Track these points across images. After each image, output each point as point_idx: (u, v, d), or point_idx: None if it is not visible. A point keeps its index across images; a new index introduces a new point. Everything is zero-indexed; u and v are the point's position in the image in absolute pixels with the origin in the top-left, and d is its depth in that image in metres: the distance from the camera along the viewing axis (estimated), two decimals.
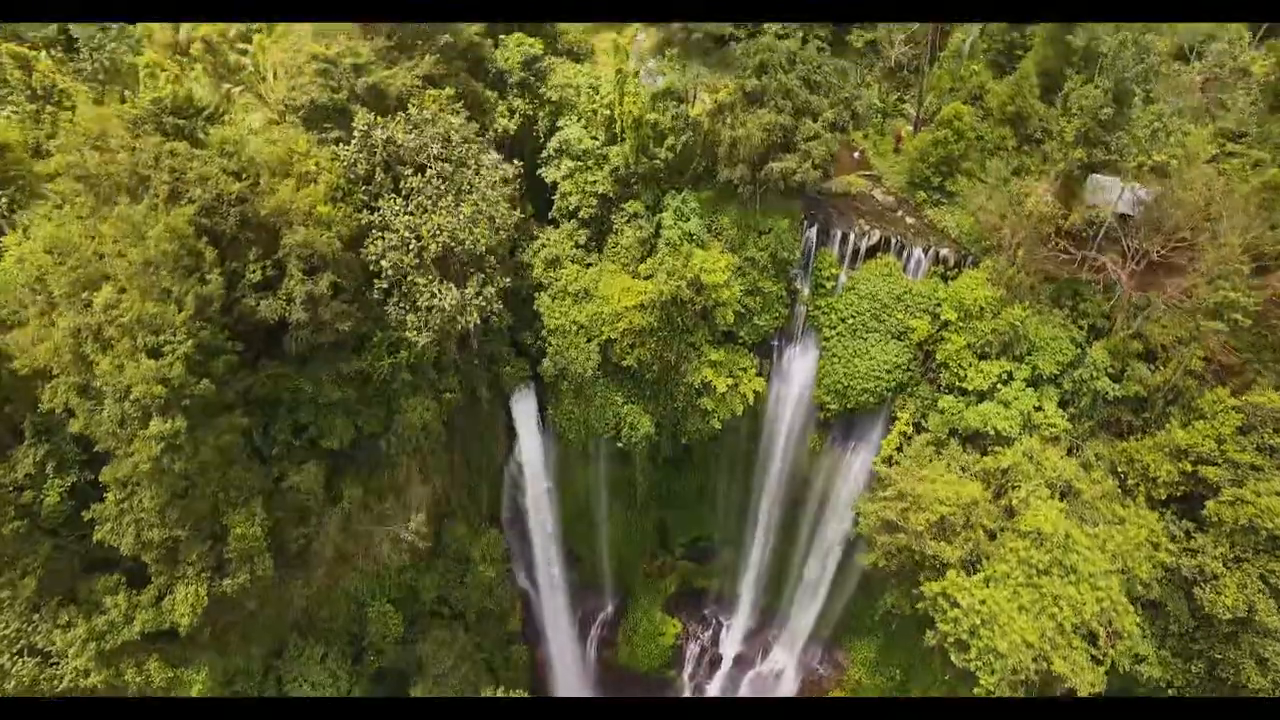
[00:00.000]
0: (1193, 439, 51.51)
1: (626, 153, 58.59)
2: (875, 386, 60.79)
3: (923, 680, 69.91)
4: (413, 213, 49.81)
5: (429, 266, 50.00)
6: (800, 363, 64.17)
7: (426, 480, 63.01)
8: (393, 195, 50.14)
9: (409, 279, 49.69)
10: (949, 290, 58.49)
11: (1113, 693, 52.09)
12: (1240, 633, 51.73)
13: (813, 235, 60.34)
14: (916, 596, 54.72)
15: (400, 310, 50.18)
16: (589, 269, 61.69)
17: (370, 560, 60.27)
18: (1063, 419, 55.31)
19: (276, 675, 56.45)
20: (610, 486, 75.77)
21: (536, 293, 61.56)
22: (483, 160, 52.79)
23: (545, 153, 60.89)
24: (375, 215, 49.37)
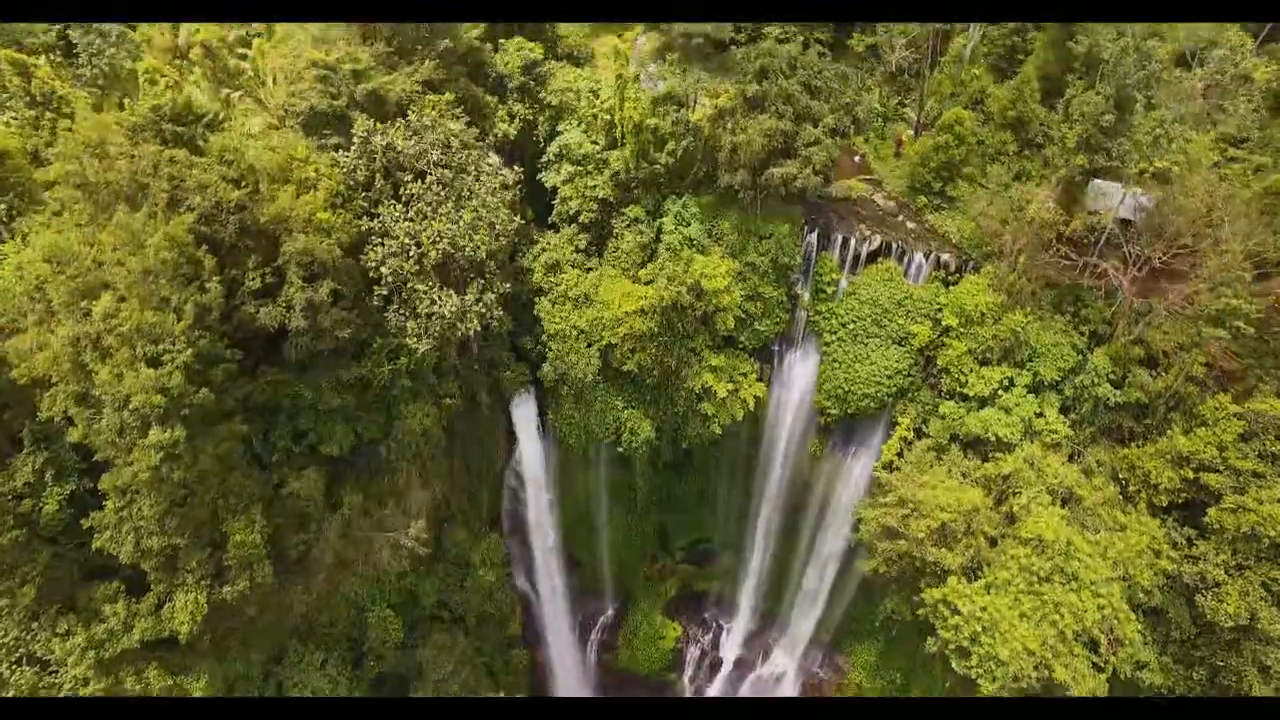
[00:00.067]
0: (1194, 446, 51.44)
1: (627, 157, 58.49)
2: (876, 392, 60.72)
3: (923, 685, 69.84)
4: (413, 219, 49.62)
5: (429, 273, 49.83)
6: (801, 368, 64.10)
7: (426, 485, 62.86)
8: (393, 202, 49.94)
9: (409, 286, 49.53)
10: (950, 296, 58.46)
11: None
12: (1242, 640, 51.68)
13: (813, 240, 60.27)
14: (917, 603, 54.64)
15: (400, 317, 50.04)
16: (589, 274, 61.55)
17: (370, 566, 60.11)
18: (1064, 425, 55.27)
19: (277, 681, 56.18)
20: (610, 491, 75.68)
21: (537, 298, 61.38)
22: (483, 166, 52.61)
23: (545, 157, 60.75)
24: (375, 222, 49.17)
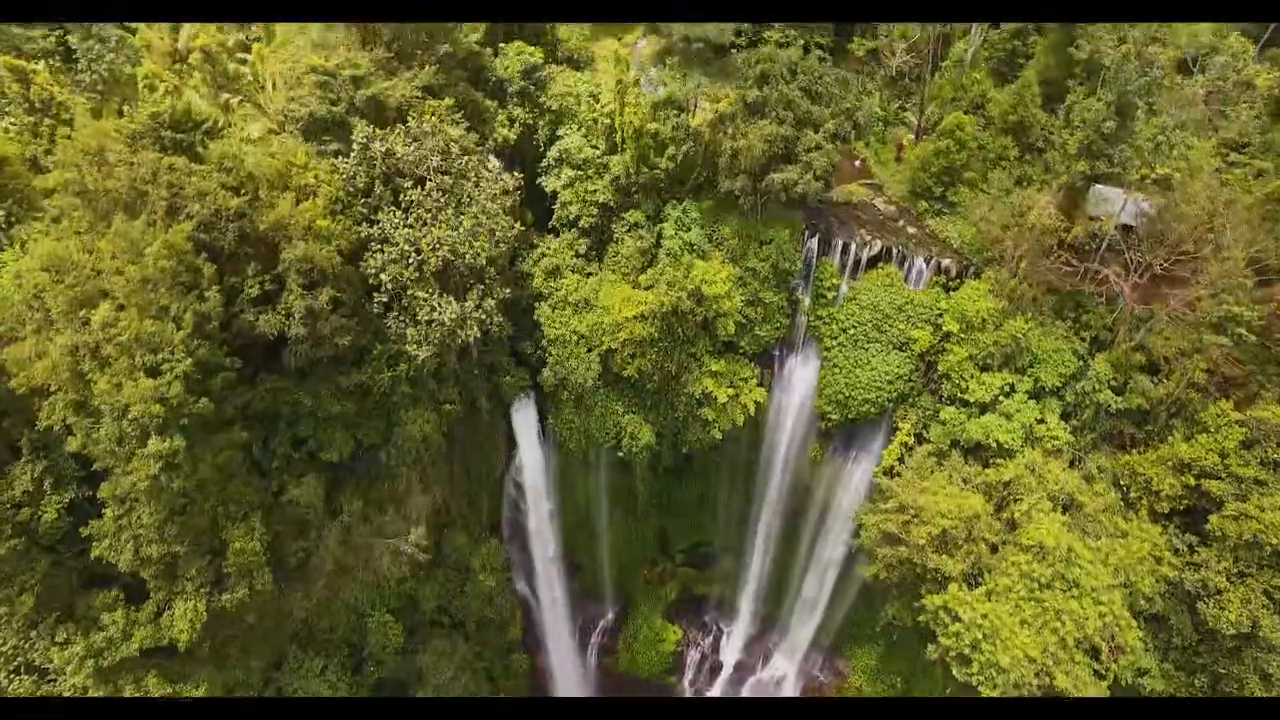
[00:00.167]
0: (1196, 453, 51.32)
1: (627, 162, 58.34)
2: (876, 397, 60.58)
3: (924, 690, 69.73)
4: (412, 225, 49.49)
5: (429, 280, 49.70)
6: (801, 373, 63.98)
7: (426, 490, 62.71)
8: (392, 208, 49.80)
9: (409, 292, 49.40)
10: (951, 301, 58.30)
11: None
12: (1244, 647, 51.51)
13: (814, 245, 60.14)
14: (918, 609, 54.48)
15: (400, 324, 49.89)
16: (589, 279, 61.41)
17: (370, 572, 59.97)
18: (1065, 431, 55.12)
19: (276, 687, 56.03)
20: (611, 495, 75.56)
21: (537, 302, 61.22)
22: (483, 172, 52.45)
23: (545, 162, 60.59)
24: (375, 228, 49.03)
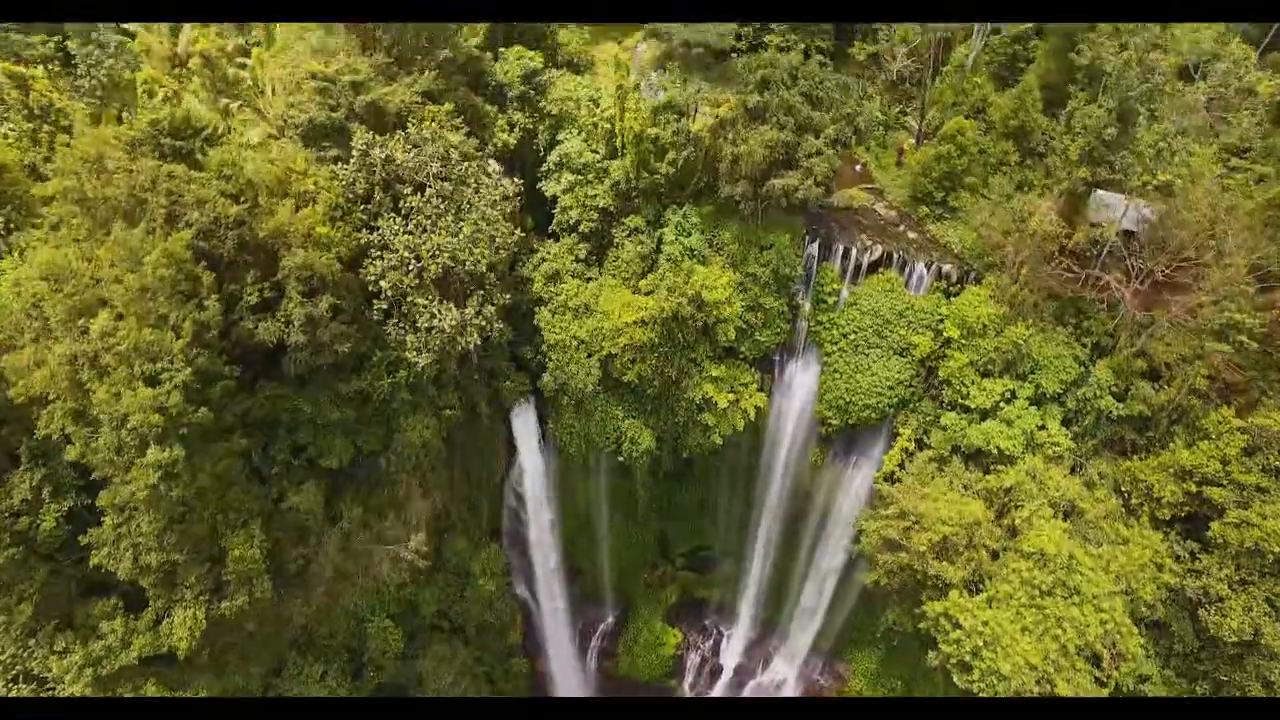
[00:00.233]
0: (1197, 459, 51.26)
1: (627, 167, 58.19)
2: (877, 402, 60.44)
3: (924, 694, 69.67)
4: (412, 232, 49.28)
5: (429, 287, 49.50)
6: (802, 378, 63.84)
7: (426, 496, 62.57)
8: (392, 215, 49.61)
9: (409, 299, 49.22)
10: (951, 307, 58.17)
11: None
12: (1246, 655, 51.52)
13: (814, 250, 59.97)
14: (918, 615, 54.48)
15: (400, 331, 49.75)
16: (589, 284, 61.28)
17: (370, 578, 59.89)
18: (1066, 438, 55.04)
19: (276, 693, 56.08)
20: (611, 499, 75.45)
21: (537, 307, 61.08)
22: (483, 178, 52.27)
23: (545, 166, 60.46)
24: (374, 235, 48.83)
